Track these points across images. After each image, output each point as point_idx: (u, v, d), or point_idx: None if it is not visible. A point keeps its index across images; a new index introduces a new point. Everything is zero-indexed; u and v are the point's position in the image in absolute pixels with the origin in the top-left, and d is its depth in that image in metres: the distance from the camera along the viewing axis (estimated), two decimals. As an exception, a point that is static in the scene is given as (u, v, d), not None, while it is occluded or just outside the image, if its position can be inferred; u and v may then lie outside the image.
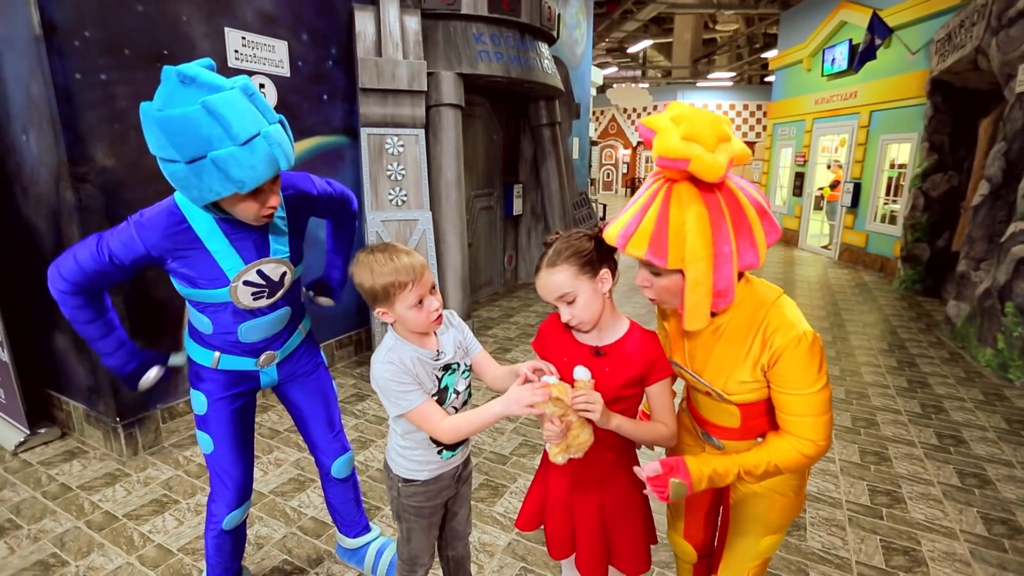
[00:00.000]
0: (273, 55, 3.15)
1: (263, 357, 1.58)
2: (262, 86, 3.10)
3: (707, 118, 0.95)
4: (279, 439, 2.93)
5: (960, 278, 4.71)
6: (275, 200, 1.31)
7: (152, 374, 1.49)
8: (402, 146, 3.78)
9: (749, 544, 1.27)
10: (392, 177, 3.75)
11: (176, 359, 1.52)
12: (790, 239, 9.85)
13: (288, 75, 3.25)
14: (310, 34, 3.38)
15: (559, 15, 5.33)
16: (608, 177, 23.46)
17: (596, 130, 21.83)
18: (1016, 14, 4.09)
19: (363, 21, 3.57)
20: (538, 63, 4.81)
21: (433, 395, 1.29)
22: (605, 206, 8.94)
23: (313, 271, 2.11)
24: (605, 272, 1.17)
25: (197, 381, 1.57)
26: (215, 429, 1.57)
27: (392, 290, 1.20)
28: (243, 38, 2.97)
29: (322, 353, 1.84)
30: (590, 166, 9.77)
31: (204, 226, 1.32)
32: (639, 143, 22.96)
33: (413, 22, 3.72)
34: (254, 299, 1.44)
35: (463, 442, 1.40)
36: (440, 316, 1.28)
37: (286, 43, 3.22)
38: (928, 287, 6.20)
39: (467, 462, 1.48)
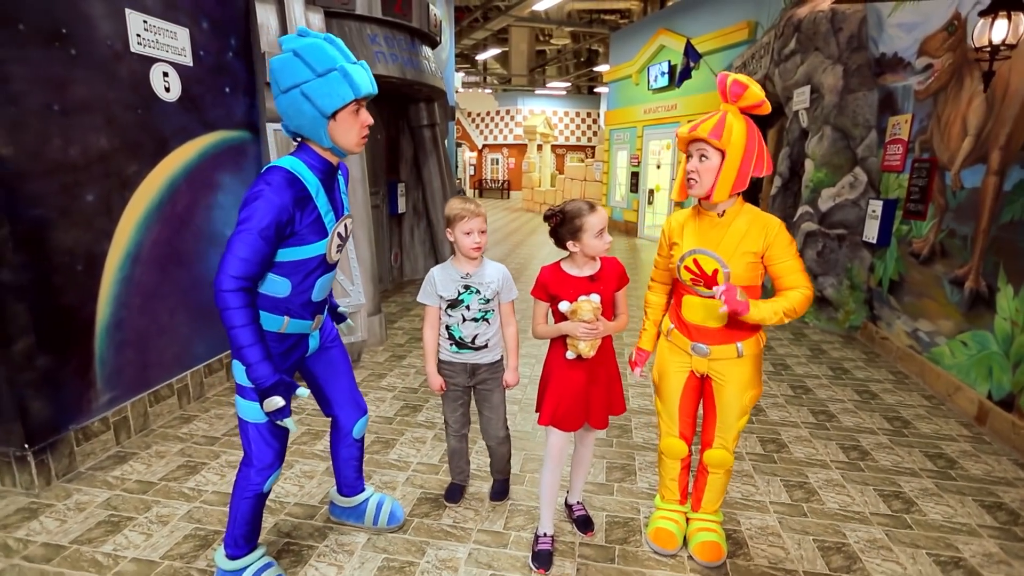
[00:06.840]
0: (176, 42, 2.95)
1: (316, 320, 1.74)
2: (166, 75, 2.90)
3: (757, 85, 1.63)
4: (220, 444, 2.80)
5: (767, 251, 6.07)
6: (369, 119, 1.63)
7: (280, 399, 1.49)
8: (310, 142, 3.75)
9: (732, 424, 1.86)
10: (302, 173, 3.70)
11: (303, 390, 1.55)
12: (630, 229, 11.34)
13: (191, 64, 3.07)
14: (210, 23, 3.21)
15: (440, 22, 5.60)
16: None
17: (444, 133, 22.23)
18: (789, 52, 5.45)
19: (264, 14, 3.47)
20: (427, 66, 5.05)
21: (449, 300, 1.95)
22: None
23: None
24: (570, 244, 1.78)
25: None
26: None
27: (454, 219, 1.86)
28: (145, 21, 2.75)
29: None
30: (456, 166, 10.16)
31: (313, 185, 1.58)
32: (484, 146, 23.98)
33: (317, 19, 3.71)
34: (336, 251, 1.70)
35: (470, 345, 2.02)
36: (477, 249, 1.89)
37: (187, 30, 3.03)
38: (740, 262, 7.76)
39: (479, 368, 2.06)
